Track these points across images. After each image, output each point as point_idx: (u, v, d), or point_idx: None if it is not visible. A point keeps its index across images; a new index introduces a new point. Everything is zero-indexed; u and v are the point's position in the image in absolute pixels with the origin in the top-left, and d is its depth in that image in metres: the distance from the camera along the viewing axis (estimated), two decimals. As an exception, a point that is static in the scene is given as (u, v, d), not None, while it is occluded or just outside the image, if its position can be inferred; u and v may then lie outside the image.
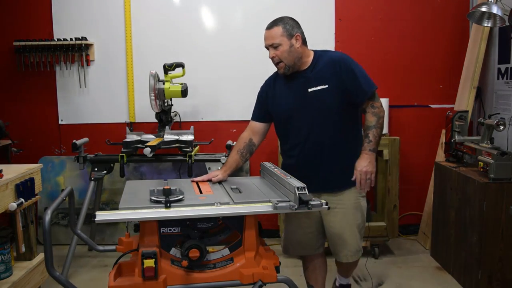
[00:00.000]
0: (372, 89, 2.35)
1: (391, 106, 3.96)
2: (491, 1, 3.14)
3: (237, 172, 2.57)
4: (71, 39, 3.82)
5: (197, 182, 2.37)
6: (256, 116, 2.53)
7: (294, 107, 2.38)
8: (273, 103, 2.46)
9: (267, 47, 2.38)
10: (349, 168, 2.34)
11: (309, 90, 2.34)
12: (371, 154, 2.29)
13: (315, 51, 2.44)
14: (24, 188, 2.63)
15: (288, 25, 2.35)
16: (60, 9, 3.91)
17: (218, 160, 3.41)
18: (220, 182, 2.39)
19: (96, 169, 3.43)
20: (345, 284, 2.83)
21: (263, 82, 2.62)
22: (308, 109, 2.35)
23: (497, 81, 3.69)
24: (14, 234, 2.70)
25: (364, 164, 2.28)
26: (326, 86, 2.31)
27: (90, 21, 3.92)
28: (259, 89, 2.63)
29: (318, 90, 2.32)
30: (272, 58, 2.36)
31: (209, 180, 2.38)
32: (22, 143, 3.92)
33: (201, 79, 3.90)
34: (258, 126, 2.52)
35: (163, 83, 3.48)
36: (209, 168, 3.43)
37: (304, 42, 2.40)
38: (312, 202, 1.95)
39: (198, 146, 3.65)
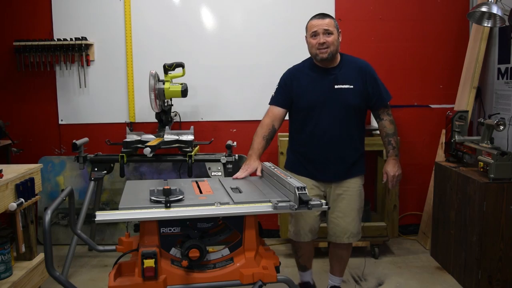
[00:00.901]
0: (389, 98, 2.69)
1: (391, 106, 3.94)
2: (491, 1, 3.14)
3: (237, 171, 2.58)
4: (71, 39, 3.82)
5: (197, 182, 2.37)
6: (279, 102, 2.66)
7: (319, 100, 2.56)
8: (298, 92, 2.62)
9: (316, 32, 2.52)
10: (356, 162, 2.66)
11: (336, 87, 2.56)
12: (397, 159, 2.67)
13: (341, 54, 2.67)
14: (24, 188, 2.63)
15: (335, 21, 2.59)
16: (60, 9, 3.91)
17: (218, 160, 3.41)
18: (220, 182, 2.40)
19: (96, 169, 3.43)
20: (338, 285, 2.89)
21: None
22: (332, 104, 2.55)
23: (497, 81, 3.69)
24: (14, 234, 2.70)
25: (394, 169, 2.66)
26: (352, 86, 2.56)
27: (90, 21, 3.92)
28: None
29: (344, 88, 2.56)
30: (323, 44, 2.51)
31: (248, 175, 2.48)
32: (22, 143, 3.92)
33: (201, 79, 3.90)
34: (280, 111, 2.66)
35: (163, 83, 3.49)
36: (209, 168, 3.43)
37: None
38: (312, 202, 1.95)
39: (198, 146, 3.65)
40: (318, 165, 2.64)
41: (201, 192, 2.18)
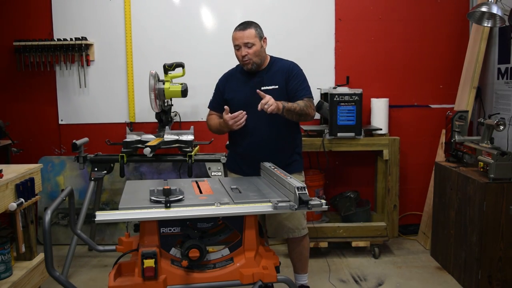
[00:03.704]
0: (308, 95, 2.71)
1: (391, 106, 3.96)
2: (491, 1, 3.14)
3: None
4: (71, 39, 3.82)
5: (197, 182, 2.38)
6: (214, 106, 2.86)
7: (247, 101, 2.65)
8: (230, 94, 2.77)
9: (238, 46, 2.67)
10: (291, 159, 2.76)
11: (263, 88, 2.66)
12: (281, 105, 2.52)
13: (271, 56, 2.81)
14: (24, 188, 2.63)
15: (259, 29, 2.71)
16: (60, 9, 3.91)
17: (218, 160, 3.41)
18: (220, 182, 2.40)
19: (96, 169, 3.43)
20: (304, 283, 2.89)
21: None
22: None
23: (497, 81, 3.69)
24: (14, 234, 2.70)
25: (274, 100, 2.50)
26: (277, 86, 2.69)
27: (90, 21, 3.92)
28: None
29: (270, 89, 2.67)
30: (244, 56, 2.66)
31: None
32: (22, 143, 3.92)
33: (201, 79, 3.90)
34: (218, 114, 2.81)
35: (163, 83, 3.49)
36: (209, 168, 3.43)
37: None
38: (312, 202, 1.95)
39: (198, 146, 3.65)
40: (253, 164, 2.67)
41: (201, 192, 2.18)
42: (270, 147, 2.70)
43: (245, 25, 2.68)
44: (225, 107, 2.61)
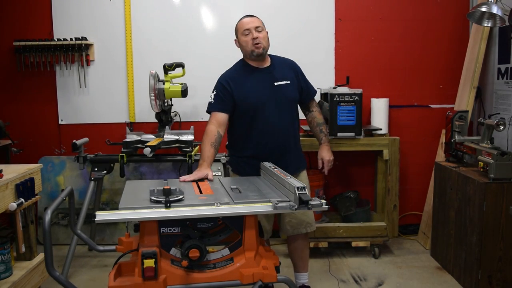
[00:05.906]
0: (315, 92, 2.93)
1: (391, 106, 3.96)
2: (491, 1, 3.14)
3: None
4: (71, 39, 3.82)
5: (197, 182, 2.38)
6: (220, 107, 2.69)
7: (262, 98, 2.65)
8: (241, 94, 2.67)
9: (248, 30, 2.66)
10: (301, 153, 2.87)
11: (275, 84, 2.69)
12: (329, 145, 2.92)
13: (269, 54, 2.79)
14: (24, 188, 2.63)
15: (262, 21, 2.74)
16: (60, 9, 3.91)
17: (218, 160, 3.41)
18: (220, 182, 2.40)
19: (96, 169, 3.43)
20: (305, 282, 2.89)
21: None
22: (276, 100, 2.67)
23: (497, 81, 3.69)
24: (14, 234, 2.70)
25: (329, 154, 2.89)
26: (289, 82, 2.73)
27: (90, 21, 3.92)
28: None
29: (283, 84, 2.70)
30: (255, 39, 2.64)
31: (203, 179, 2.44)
32: (22, 143, 3.92)
33: (201, 79, 3.90)
34: (224, 117, 2.68)
35: (163, 83, 3.49)
36: (209, 168, 3.43)
37: None
38: (312, 202, 1.95)
39: (198, 146, 3.65)
40: (272, 161, 2.59)
41: (201, 192, 2.18)
42: (288, 142, 2.72)
43: (252, 15, 2.75)
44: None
